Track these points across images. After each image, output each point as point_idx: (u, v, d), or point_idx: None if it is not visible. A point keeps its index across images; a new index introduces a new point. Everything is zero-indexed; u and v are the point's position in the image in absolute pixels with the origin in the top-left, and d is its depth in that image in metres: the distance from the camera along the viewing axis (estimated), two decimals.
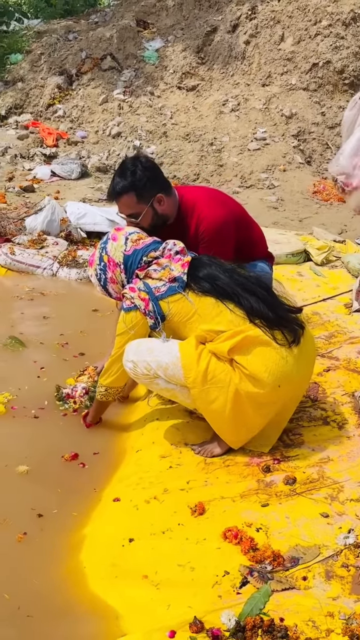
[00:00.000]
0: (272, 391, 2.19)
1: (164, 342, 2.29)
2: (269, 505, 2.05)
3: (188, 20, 9.52)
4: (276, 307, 2.29)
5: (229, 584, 1.76)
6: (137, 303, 2.33)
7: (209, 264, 2.37)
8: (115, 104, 8.47)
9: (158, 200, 2.68)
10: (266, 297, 2.29)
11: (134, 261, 2.45)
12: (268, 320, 2.23)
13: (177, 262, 2.38)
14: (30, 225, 5.01)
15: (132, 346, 2.35)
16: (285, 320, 2.26)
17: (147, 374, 2.30)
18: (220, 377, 2.20)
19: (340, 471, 2.19)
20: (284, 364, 2.19)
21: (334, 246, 4.64)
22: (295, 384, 2.28)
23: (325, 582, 1.74)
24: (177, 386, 2.27)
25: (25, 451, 2.48)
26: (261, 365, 2.18)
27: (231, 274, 2.34)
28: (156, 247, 2.47)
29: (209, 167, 7.22)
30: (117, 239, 2.50)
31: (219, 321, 2.25)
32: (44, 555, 1.98)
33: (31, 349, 3.41)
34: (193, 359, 2.21)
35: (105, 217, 5.14)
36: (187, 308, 2.30)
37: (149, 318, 2.32)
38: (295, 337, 2.24)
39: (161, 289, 2.33)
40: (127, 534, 2.00)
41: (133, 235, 2.52)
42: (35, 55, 9.54)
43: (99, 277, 2.53)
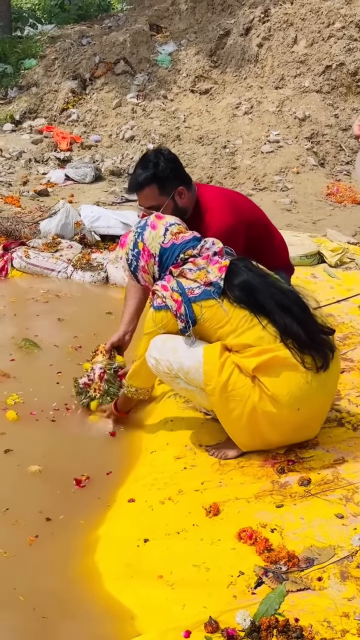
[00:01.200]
0: (290, 413, 2.16)
1: (189, 344, 2.23)
2: (284, 506, 2.05)
3: (201, 23, 9.56)
4: (310, 328, 2.19)
5: (244, 584, 1.76)
6: (168, 303, 2.24)
7: (246, 271, 2.26)
8: (129, 108, 8.52)
9: (179, 193, 2.67)
10: (301, 317, 2.19)
11: (170, 256, 2.35)
12: (300, 342, 2.14)
13: (214, 264, 2.27)
14: (44, 229, 5.04)
15: (157, 342, 2.31)
16: (317, 344, 2.17)
17: (169, 373, 2.29)
18: (240, 391, 2.16)
19: (355, 472, 2.18)
20: (308, 388, 2.14)
21: (348, 248, 4.62)
22: (316, 406, 2.23)
23: (340, 583, 1.74)
24: (197, 389, 2.25)
25: (38, 452, 2.50)
26: (284, 388, 2.13)
27: (269, 287, 2.22)
28: (195, 244, 2.35)
29: (222, 170, 7.23)
30: (157, 228, 2.38)
31: (249, 335, 2.17)
32: (59, 555, 1.99)
33: (45, 351, 3.43)
34: (215, 367, 2.17)
35: (119, 220, 5.16)
36: (220, 315, 2.20)
37: (179, 321, 2.23)
38: (324, 363, 2.16)
39: (195, 291, 2.23)
40: (142, 535, 2.01)
41: (173, 227, 2.39)
42: (49, 60, 9.62)
43: (130, 262, 2.42)
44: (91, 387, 2.83)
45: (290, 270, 3.09)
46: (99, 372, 2.83)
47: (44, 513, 2.17)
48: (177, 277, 2.28)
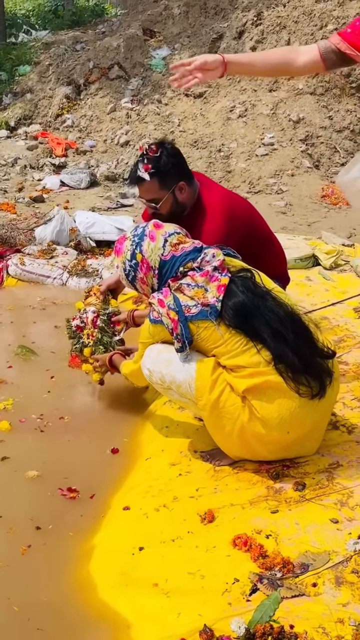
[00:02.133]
0: (280, 435, 2.14)
1: (183, 358, 2.19)
2: (279, 511, 2.05)
3: (194, 27, 9.57)
4: (306, 355, 2.13)
5: (239, 591, 1.76)
6: (165, 321, 2.19)
7: (243, 291, 2.18)
8: (123, 113, 8.53)
9: (180, 188, 2.66)
10: (297, 343, 2.12)
11: (170, 269, 2.28)
12: (294, 369, 2.09)
13: (213, 281, 2.19)
14: (39, 236, 5.05)
15: (152, 353, 2.30)
16: (313, 370, 2.12)
17: (161, 385, 2.30)
18: (230, 409, 2.14)
19: (350, 476, 2.18)
20: (299, 412, 2.11)
21: (343, 250, 4.62)
22: (307, 428, 2.20)
23: (335, 589, 1.74)
24: (190, 400, 2.25)
25: (32, 459, 2.50)
26: (275, 412, 2.10)
27: (266, 311, 2.15)
28: (195, 256, 2.27)
29: (217, 173, 7.24)
30: (156, 239, 2.31)
31: (243, 358, 2.12)
32: (53, 564, 1.99)
33: (42, 358, 3.43)
34: (207, 384, 2.14)
35: (114, 225, 5.17)
36: (215, 337, 2.15)
37: (175, 341, 2.17)
38: (320, 390, 2.12)
39: (192, 310, 2.16)
40: (137, 543, 2.01)
41: (173, 237, 2.32)
42: (44, 67, 9.64)
43: (127, 272, 2.36)
44: (84, 332, 2.78)
45: (286, 280, 3.08)
46: (92, 317, 2.77)
47: (38, 522, 2.17)
48: (175, 292, 2.22)
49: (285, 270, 3.07)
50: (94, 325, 2.76)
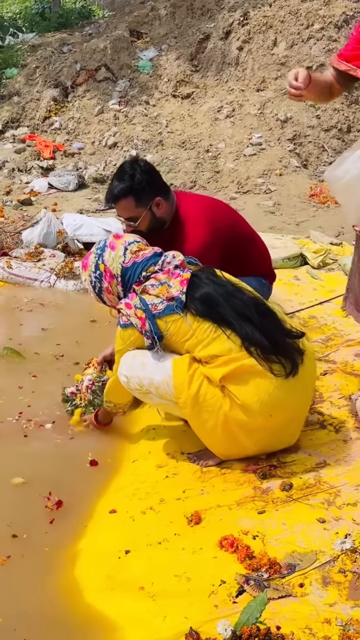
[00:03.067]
0: (262, 420, 2.15)
1: (158, 359, 2.23)
2: (266, 512, 2.04)
3: (181, 28, 9.56)
4: (274, 334, 2.18)
5: (225, 593, 1.75)
6: (133, 321, 2.25)
7: (207, 283, 2.26)
8: (111, 115, 8.51)
9: (156, 204, 2.67)
10: (263, 324, 2.18)
11: (133, 275, 2.36)
12: (264, 350, 2.13)
13: (176, 277, 2.27)
14: (27, 239, 5.02)
15: (127, 359, 2.32)
16: (282, 349, 2.17)
17: (140, 389, 2.30)
18: (211, 402, 2.16)
19: (336, 475, 2.18)
20: (278, 393, 2.13)
21: (331, 249, 4.63)
22: (289, 411, 2.21)
23: (322, 589, 1.73)
24: (170, 402, 2.25)
25: (20, 463, 2.48)
26: (254, 395, 2.12)
27: (229, 296, 2.22)
28: (156, 260, 2.36)
29: (206, 174, 7.23)
30: (116, 249, 2.39)
31: (215, 346, 2.16)
32: (39, 570, 1.97)
33: (27, 360, 3.41)
34: (185, 380, 2.16)
35: (102, 227, 5.14)
36: (184, 329, 2.20)
37: (145, 338, 2.23)
38: (293, 368, 2.16)
39: (159, 307, 2.23)
40: (123, 546, 2.00)
41: (133, 245, 2.41)
42: (31, 69, 9.60)
43: (94, 284, 2.43)
44: (77, 396, 2.84)
45: (272, 277, 3.09)
46: (87, 383, 2.85)
47: (23, 528, 2.15)
48: (141, 294, 2.29)
49: (271, 267, 3.08)
50: (88, 390, 2.83)
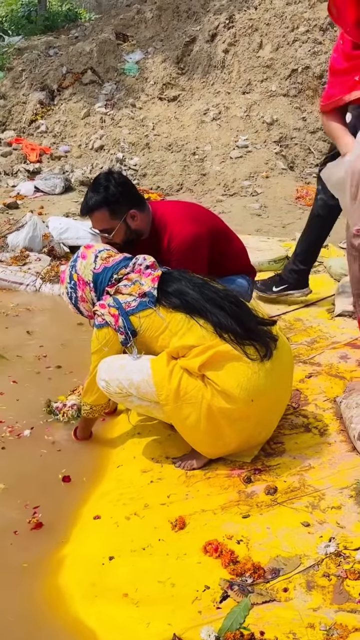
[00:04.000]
0: (244, 406, 2.16)
1: (135, 359, 2.27)
2: (250, 516, 2.04)
3: (167, 31, 9.57)
4: (246, 320, 2.24)
5: (209, 598, 1.74)
6: (107, 319, 2.30)
7: (178, 279, 2.35)
8: (98, 118, 8.50)
9: (131, 216, 2.67)
10: (235, 311, 2.25)
11: (104, 279, 2.43)
12: (237, 335, 2.19)
13: (147, 276, 2.35)
14: (12, 242, 5.00)
15: (105, 364, 2.33)
16: (255, 334, 2.22)
17: (120, 392, 2.29)
18: (192, 393, 2.17)
19: (321, 478, 2.18)
20: (257, 378, 2.16)
21: None
22: (270, 397, 2.24)
23: (306, 593, 1.73)
24: (151, 403, 2.25)
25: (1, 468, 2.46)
26: (233, 380, 2.14)
27: (200, 288, 2.30)
28: (126, 263, 2.44)
29: (192, 176, 7.24)
30: (87, 257, 2.48)
31: (190, 336, 2.21)
32: (22, 578, 1.95)
33: (10, 363, 3.40)
34: (164, 376, 2.18)
35: (88, 231, 5.12)
36: (158, 323, 2.27)
37: (119, 334, 2.29)
38: (267, 351, 2.20)
39: (132, 304, 2.30)
40: (107, 552, 1.98)
41: (103, 252, 2.49)
42: (17, 72, 9.57)
43: (70, 295, 2.51)
44: (61, 412, 2.86)
45: (253, 273, 3.09)
46: (71, 404, 2.88)
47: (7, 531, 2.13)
48: (114, 295, 2.36)
49: (250, 263, 3.08)
50: (72, 408, 2.86)
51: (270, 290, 3.83)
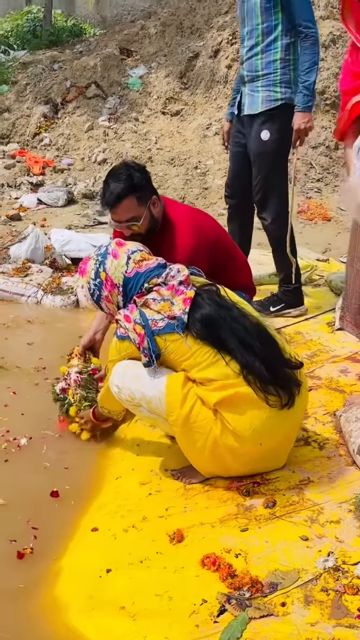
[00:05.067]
0: (252, 447, 2.14)
1: (152, 373, 2.18)
2: (249, 529, 2.03)
3: (170, 47, 9.66)
4: (274, 364, 2.13)
5: (207, 612, 1.72)
6: (131, 336, 2.19)
7: (210, 304, 2.19)
8: (101, 131, 8.55)
9: (153, 202, 2.68)
10: (264, 353, 2.12)
11: (135, 285, 2.29)
12: (262, 380, 2.09)
13: (179, 295, 2.19)
14: (14, 254, 5.01)
15: (120, 369, 2.27)
16: (281, 380, 2.12)
17: (131, 401, 2.26)
18: (202, 423, 2.12)
19: (320, 492, 2.17)
20: (270, 422, 2.11)
21: (317, 265, 4.65)
22: (279, 439, 2.20)
23: (304, 608, 1.71)
24: (160, 417, 2.23)
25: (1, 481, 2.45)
26: (247, 424, 2.09)
27: (232, 322, 2.15)
28: (159, 272, 2.29)
29: (194, 190, 7.27)
30: (119, 257, 2.32)
31: (212, 370, 2.11)
32: (20, 591, 1.94)
33: (9, 373, 3.40)
34: (177, 399, 2.12)
35: (89, 243, 5.15)
36: (183, 349, 2.14)
37: (142, 355, 2.16)
38: (289, 400, 2.12)
39: (159, 324, 2.17)
40: (104, 565, 1.97)
41: (136, 254, 2.34)
42: (21, 86, 9.65)
43: (92, 292, 2.36)
44: (69, 392, 2.78)
45: (252, 291, 3.11)
46: (75, 377, 2.78)
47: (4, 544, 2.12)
48: (141, 307, 2.22)
49: (251, 282, 3.09)
50: (77, 384, 2.77)
51: (268, 310, 3.84)
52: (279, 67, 3.47)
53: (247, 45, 3.52)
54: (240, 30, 3.59)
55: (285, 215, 3.70)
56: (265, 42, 3.45)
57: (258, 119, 3.55)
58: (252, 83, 3.55)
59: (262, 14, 3.41)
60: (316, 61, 3.42)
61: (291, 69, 3.51)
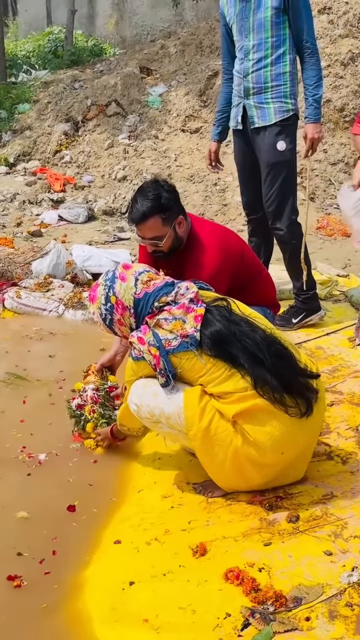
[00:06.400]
0: (274, 457, 2.14)
1: (170, 389, 2.20)
2: (272, 544, 2.02)
3: (190, 65, 9.77)
4: (287, 375, 2.14)
5: (231, 626, 1.72)
6: (147, 358, 2.21)
7: (219, 320, 2.21)
8: (121, 149, 8.65)
9: (179, 222, 2.71)
10: (276, 365, 2.13)
11: (145, 305, 2.32)
12: (277, 392, 2.10)
13: (190, 312, 2.22)
14: (36, 269, 5.07)
15: (138, 387, 2.29)
16: (297, 390, 2.14)
17: (150, 418, 2.28)
18: (222, 436, 2.13)
19: (344, 507, 2.16)
20: (290, 431, 2.12)
21: (338, 280, 4.65)
22: (300, 447, 2.21)
23: (328, 623, 1.70)
24: (180, 432, 2.23)
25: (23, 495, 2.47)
26: (267, 434, 2.10)
27: (242, 336, 2.17)
28: (168, 290, 2.32)
29: (214, 206, 7.31)
30: (127, 280, 2.36)
31: (229, 384, 2.14)
32: (44, 602, 1.94)
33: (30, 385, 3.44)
34: (196, 413, 2.14)
35: (110, 259, 5.20)
36: (198, 366, 2.17)
37: (159, 376, 2.19)
38: (307, 408, 2.14)
39: (172, 343, 2.19)
40: (127, 577, 1.97)
41: (143, 275, 2.38)
42: (42, 104, 9.80)
43: (104, 317, 2.40)
44: (85, 409, 2.78)
45: (277, 307, 3.12)
46: (92, 394, 2.78)
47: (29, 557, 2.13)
48: (154, 328, 2.25)
49: (275, 298, 3.11)
50: (95, 401, 2.77)
51: (291, 322, 3.87)
52: (288, 80, 3.58)
53: (254, 57, 3.58)
54: (240, 44, 3.63)
55: (298, 223, 3.75)
56: (275, 55, 3.54)
57: (271, 130, 3.62)
58: (259, 95, 3.61)
59: (272, 28, 3.50)
60: (321, 76, 3.62)
61: (296, 82, 3.68)
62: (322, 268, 5.02)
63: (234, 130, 3.86)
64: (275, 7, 3.45)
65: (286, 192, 3.73)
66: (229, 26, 3.69)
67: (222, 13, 3.72)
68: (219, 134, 4.03)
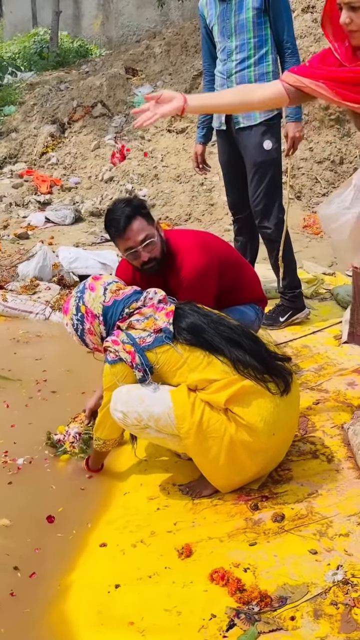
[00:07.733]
0: (267, 439, 2.18)
1: (154, 391, 2.22)
2: (257, 544, 2.02)
3: (175, 65, 9.77)
4: (264, 357, 2.25)
5: (216, 627, 1.72)
6: (122, 356, 2.25)
7: (191, 314, 2.31)
8: (107, 150, 8.64)
9: (158, 223, 2.72)
10: (253, 348, 2.25)
11: (115, 313, 2.39)
12: (257, 371, 2.19)
13: (160, 311, 2.32)
14: (22, 272, 5.05)
15: (122, 395, 2.27)
16: (274, 370, 2.24)
17: (138, 425, 2.25)
18: (215, 427, 2.16)
19: (329, 506, 2.16)
20: (278, 412, 2.19)
21: (324, 279, 4.66)
22: (286, 430, 2.29)
23: (313, 622, 1.70)
24: (168, 435, 2.23)
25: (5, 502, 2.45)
26: (257, 415, 2.16)
27: (216, 325, 2.28)
28: (137, 297, 2.41)
29: (200, 206, 7.31)
30: (96, 289, 2.44)
31: (211, 370, 2.19)
32: (29, 608, 1.93)
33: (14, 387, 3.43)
34: (186, 409, 2.16)
35: (97, 260, 5.19)
36: (175, 358, 2.23)
37: (136, 371, 2.23)
38: (286, 386, 2.24)
39: (147, 340, 2.26)
40: (113, 580, 1.97)
41: (112, 285, 2.46)
42: (28, 106, 9.79)
43: (76, 327, 2.45)
44: (66, 443, 2.78)
45: (264, 303, 3.12)
46: (74, 434, 2.79)
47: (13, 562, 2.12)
48: (126, 330, 2.31)
49: (262, 291, 3.10)
50: (76, 439, 2.78)
51: (278, 321, 3.88)
52: (272, 79, 3.57)
53: (236, 58, 3.60)
54: (222, 45, 3.65)
55: (283, 222, 3.76)
56: (257, 55, 3.57)
57: (257, 129, 3.63)
58: None
59: (254, 29, 3.53)
60: None
61: None
62: (308, 266, 5.03)
63: (218, 130, 3.87)
64: (257, 8, 3.46)
65: (273, 191, 3.75)
66: (210, 28, 3.69)
67: (202, 15, 3.72)
68: (204, 137, 4.05)
